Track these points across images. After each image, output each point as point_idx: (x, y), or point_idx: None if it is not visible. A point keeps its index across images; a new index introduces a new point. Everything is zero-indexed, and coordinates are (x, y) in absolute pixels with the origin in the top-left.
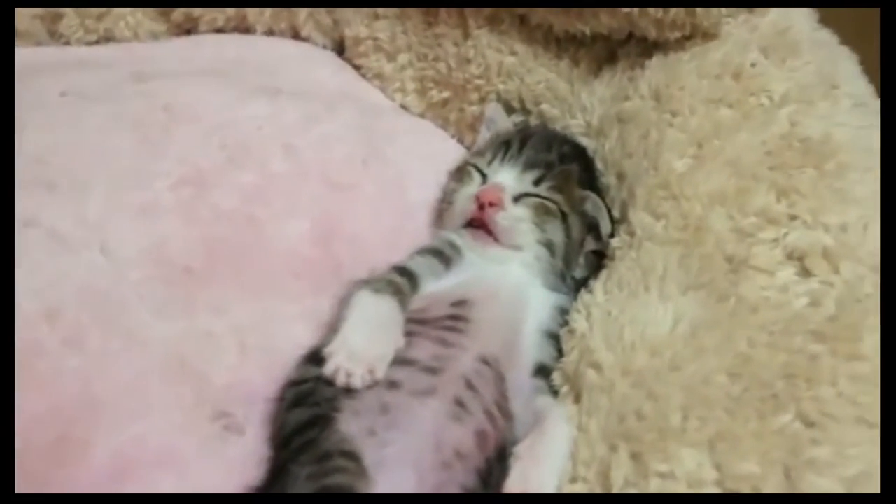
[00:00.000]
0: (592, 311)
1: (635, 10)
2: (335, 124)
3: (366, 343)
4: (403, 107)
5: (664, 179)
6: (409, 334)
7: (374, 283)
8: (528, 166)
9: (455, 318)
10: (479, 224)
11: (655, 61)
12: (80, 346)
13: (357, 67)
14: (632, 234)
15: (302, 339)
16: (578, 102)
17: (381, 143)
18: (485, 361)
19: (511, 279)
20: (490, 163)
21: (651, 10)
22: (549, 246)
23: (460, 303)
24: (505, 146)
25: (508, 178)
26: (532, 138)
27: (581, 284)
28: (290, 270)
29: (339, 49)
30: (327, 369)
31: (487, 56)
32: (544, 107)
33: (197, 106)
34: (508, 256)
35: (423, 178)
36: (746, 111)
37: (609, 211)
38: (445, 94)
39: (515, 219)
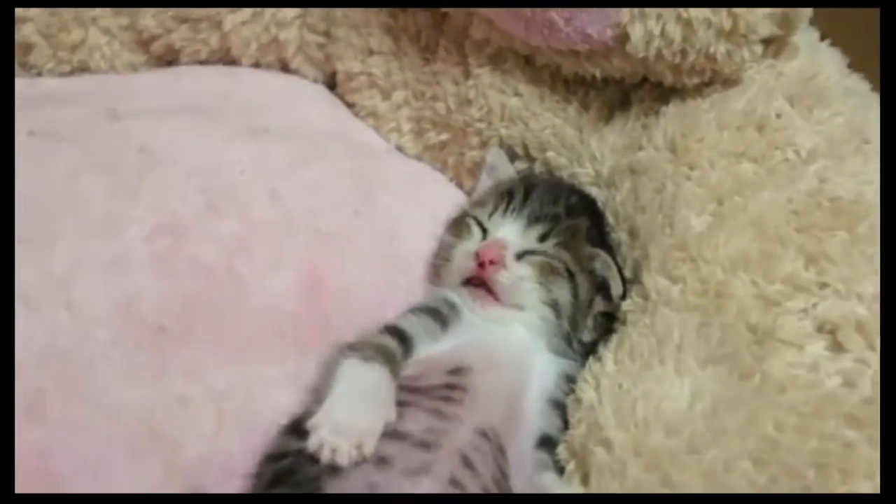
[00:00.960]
0: (602, 382)
1: (651, 54)
2: (325, 168)
3: (353, 416)
4: (399, 148)
5: (681, 239)
6: (400, 404)
7: (363, 350)
8: (533, 220)
9: (451, 386)
10: (478, 282)
11: (672, 108)
12: (39, 415)
13: (349, 105)
14: (645, 297)
15: (284, 404)
16: (587, 150)
17: (373, 190)
18: (483, 434)
19: (513, 342)
20: (491, 215)
21: (668, 55)
22: (554, 307)
23: (458, 370)
24: (508, 197)
25: (511, 233)
26: (537, 188)
27: (589, 348)
28: (273, 329)
29: (331, 83)
30: (311, 444)
31: (489, 97)
32: (550, 154)
33: (175, 147)
34: (510, 317)
35: (419, 228)
36: (771, 167)
37: (620, 270)
38: (444, 137)
39: (518, 278)
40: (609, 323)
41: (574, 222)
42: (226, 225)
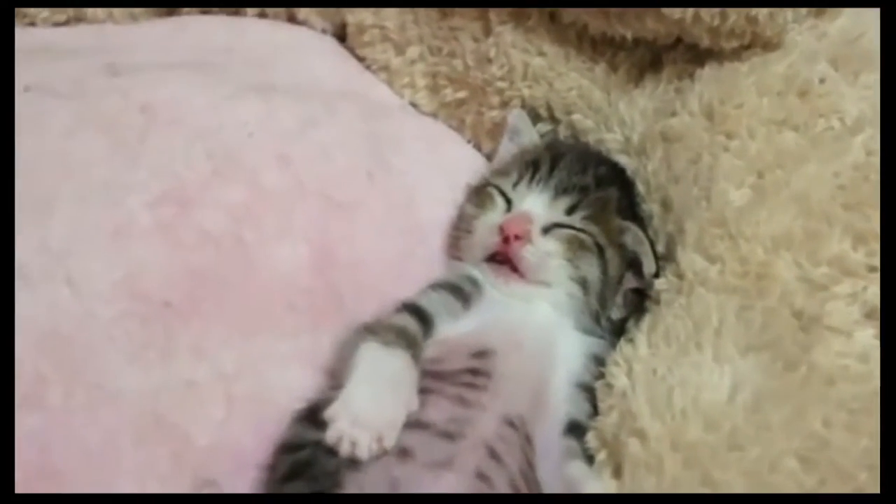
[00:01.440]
0: (634, 367)
1: (688, 14)
2: (336, 129)
3: (373, 406)
4: (413, 104)
5: (719, 214)
6: (422, 391)
7: (383, 334)
8: (560, 191)
9: (475, 371)
10: (502, 259)
11: (708, 72)
12: (38, 403)
13: (360, 58)
14: (681, 276)
15: (298, 384)
16: (616, 114)
17: (387, 152)
18: (509, 423)
19: (538, 321)
20: (516, 185)
21: (706, 16)
22: (582, 283)
23: (481, 353)
24: (533, 166)
25: (537, 205)
26: (564, 157)
27: (619, 327)
28: (284, 302)
29: (341, 35)
30: (329, 436)
31: (511, 56)
32: (576, 117)
33: (179, 106)
34: (536, 294)
35: (436, 194)
36: (814, 136)
37: (653, 245)
38: (461, 94)
39: (545, 254)
40: (640, 300)
41: (603, 193)
42: (233, 192)
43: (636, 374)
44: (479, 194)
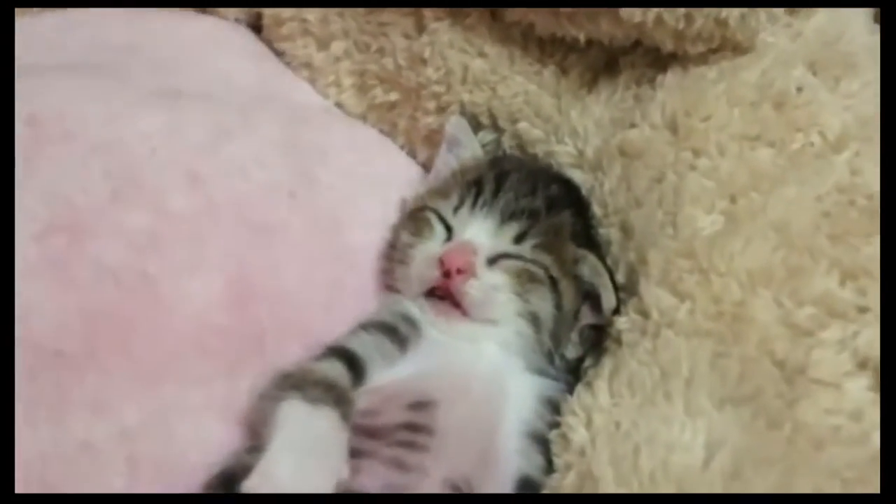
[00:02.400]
0: (594, 419)
1: (649, 17)
2: (253, 142)
3: (297, 477)
4: (339, 106)
5: (687, 244)
6: (353, 454)
7: (308, 389)
8: (507, 217)
9: (414, 427)
10: (443, 294)
11: (671, 78)
12: None
13: (279, 53)
14: (645, 314)
15: (212, 439)
16: (567, 124)
17: (311, 165)
18: (454, 487)
19: (484, 364)
20: (457, 210)
21: (669, 19)
22: (533, 320)
23: (421, 405)
24: (476, 188)
25: (481, 233)
26: (510, 176)
27: (575, 366)
28: (196, 345)
29: (256, 24)
30: None
31: (448, 57)
32: (522, 125)
33: (71, 118)
34: (481, 334)
35: (367, 214)
36: (793, 154)
37: (612, 276)
38: (392, 97)
39: (491, 288)
40: (598, 337)
41: (556, 218)
42: (135, 218)
43: (596, 426)
44: (416, 220)
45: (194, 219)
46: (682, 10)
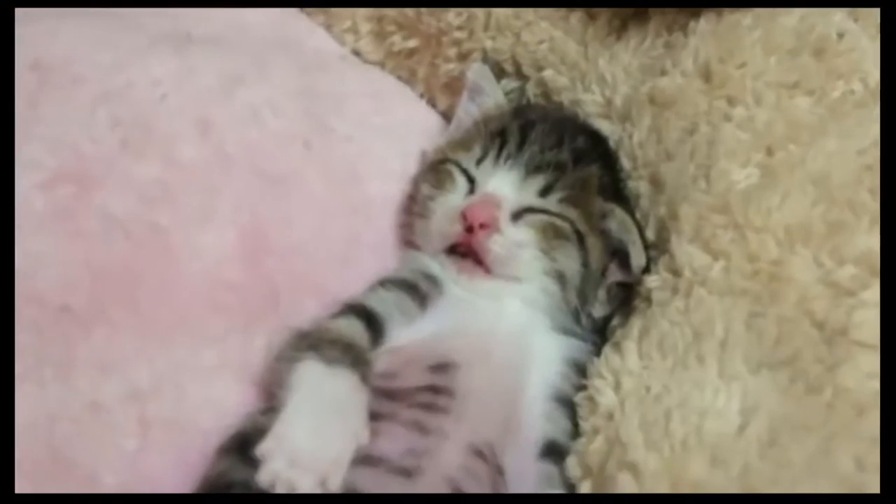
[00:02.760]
0: (623, 382)
1: None
2: (266, 88)
3: (315, 441)
4: (356, 53)
5: (721, 199)
6: (373, 417)
7: (326, 349)
8: (532, 169)
9: (435, 389)
10: (465, 250)
11: (703, 24)
12: None
13: None
14: (676, 272)
15: (226, 400)
16: (595, 71)
17: (327, 114)
18: (477, 452)
19: (507, 323)
20: (480, 162)
21: None
22: (559, 277)
23: (442, 367)
24: (500, 139)
25: (505, 185)
26: (535, 127)
27: (601, 325)
28: (209, 301)
29: None
30: (262, 478)
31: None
32: (547, 73)
33: (78, 63)
34: (505, 291)
35: (386, 165)
36: (833, 103)
37: (641, 232)
38: (412, 43)
39: (515, 244)
40: (626, 295)
41: (583, 171)
42: (145, 168)
43: (625, 390)
44: (437, 172)
45: (206, 169)
46: None
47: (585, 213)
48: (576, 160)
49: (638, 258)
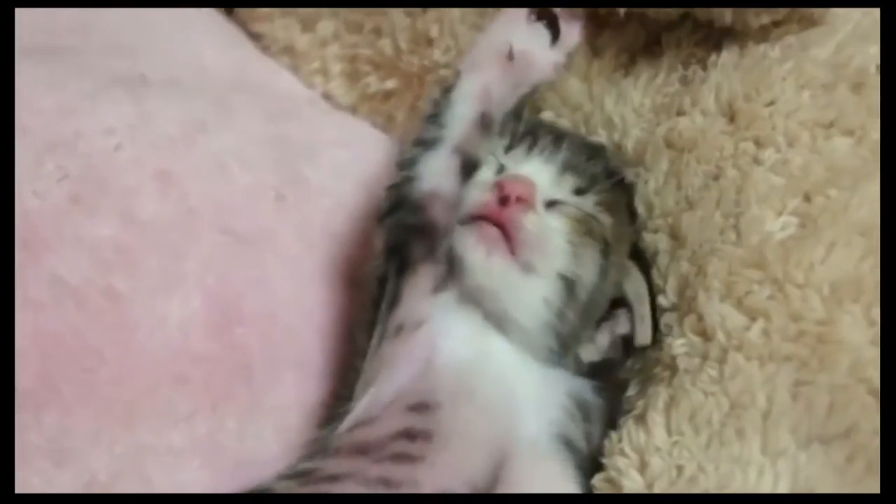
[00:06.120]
0: (650, 462)
1: None
2: (233, 135)
3: None
4: (326, 97)
5: (755, 252)
6: (334, 479)
7: None
8: (568, 168)
9: (411, 435)
10: (494, 222)
11: (726, 57)
12: None
13: (256, 37)
14: (706, 336)
15: (197, 487)
16: (600, 112)
17: (299, 163)
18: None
19: (495, 360)
20: (509, 150)
21: None
22: (572, 283)
23: (421, 406)
24: (531, 136)
25: (540, 175)
26: (566, 138)
27: (590, 374)
28: (173, 376)
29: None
30: None
31: (460, 36)
32: (547, 115)
33: (22, 108)
34: (515, 284)
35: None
36: (876, 144)
37: (654, 303)
38: (390, 84)
39: (548, 228)
40: (633, 354)
41: (617, 191)
42: (98, 227)
43: (652, 470)
44: None
45: (167, 227)
46: None
47: (617, 229)
48: (608, 175)
49: (643, 336)
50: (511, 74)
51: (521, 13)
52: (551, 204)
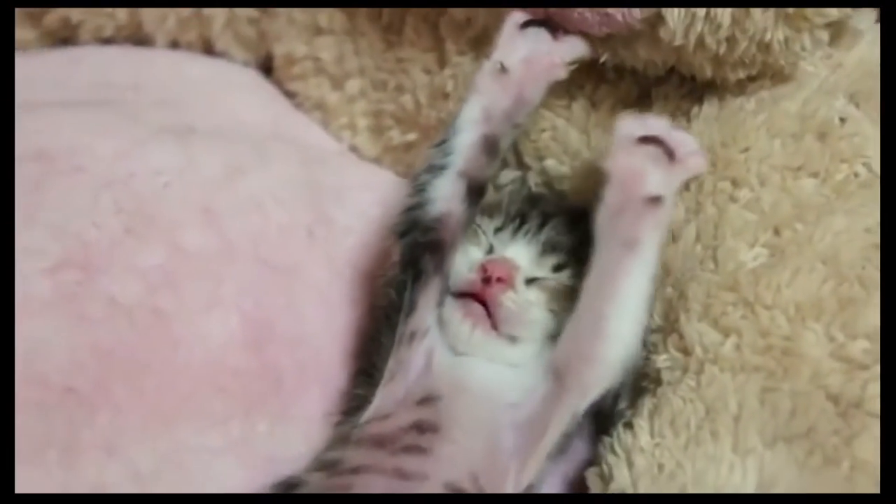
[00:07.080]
0: (636, 460)
1: (690, 41)
2: (269, 177)
3: None
4: (353, 149)
5: (730, 277)
6: (357, 470)
7: None
8: (548, 249)
9: (420, 427)
10: (478, 300)
11: (707, 110)
12: None
13: (290, 95)
14: (686, 351)
15: (229, 481)
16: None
17: (328, 205)
18: (455, 490)
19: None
20: (498, 231)
21: (711, 44)
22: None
23: (428, 399)
24: (519, 220)
25: (522, 256)
26: (554, 219)
27: None
28: (212, 385)
29: (266, 67)
30: None
31: None
32: (549, 163)
33: (81, 152)
34: (498, 353)
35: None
36: (838, 185)
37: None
38: (411, 137)
39: (526, 303)
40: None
41: None
42: (149, 254)
43: (638, 468)
44: None
45: (209, 256)
46: (725, 32)
47: None
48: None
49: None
50: (511, 87)
51: (511, 25)
52: (532, 280)
